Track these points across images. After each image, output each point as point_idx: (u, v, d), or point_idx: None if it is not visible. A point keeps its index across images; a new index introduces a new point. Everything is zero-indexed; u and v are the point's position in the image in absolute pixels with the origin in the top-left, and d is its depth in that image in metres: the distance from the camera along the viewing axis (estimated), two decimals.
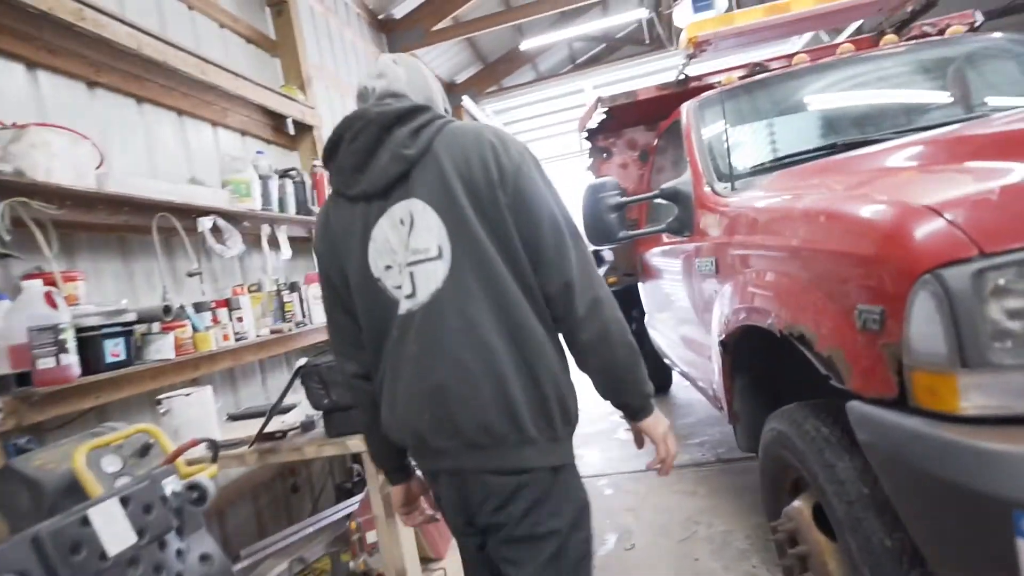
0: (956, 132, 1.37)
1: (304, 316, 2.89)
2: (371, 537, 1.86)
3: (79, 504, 1.03)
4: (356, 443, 1.65)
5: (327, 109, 4.10)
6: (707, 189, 2.08)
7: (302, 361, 1.65)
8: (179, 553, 1.13)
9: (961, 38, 2.46)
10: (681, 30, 3.10)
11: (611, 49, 9.00)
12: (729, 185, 2.00)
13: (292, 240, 3.16)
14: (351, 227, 1.10)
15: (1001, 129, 1.24)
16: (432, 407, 1.03)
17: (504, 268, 1.03)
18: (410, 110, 1.08)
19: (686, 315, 2.43)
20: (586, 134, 3.55)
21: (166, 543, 1.11)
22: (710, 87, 2.89)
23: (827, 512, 1.28)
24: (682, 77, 3.10)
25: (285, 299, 2.80)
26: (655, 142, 3.25)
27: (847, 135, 2.05)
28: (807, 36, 4.83)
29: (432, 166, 1.05)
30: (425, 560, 1.95)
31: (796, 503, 1.49)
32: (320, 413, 1.72)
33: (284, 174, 3.02)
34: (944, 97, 2.19)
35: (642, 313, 3.83)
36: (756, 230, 1.52)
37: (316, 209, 3.15)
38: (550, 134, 9.21)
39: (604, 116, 3.31)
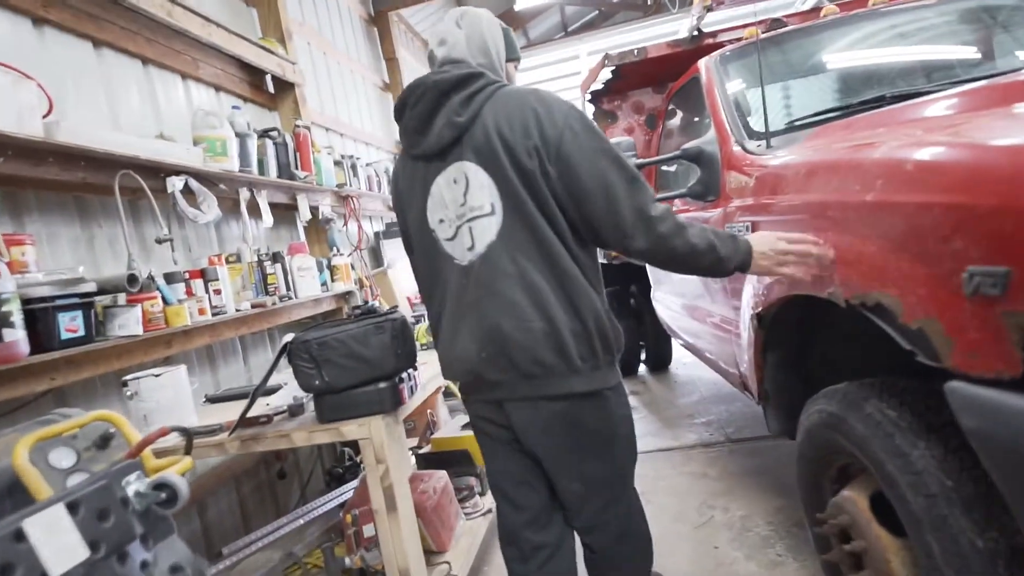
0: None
1: (289, 289, 2.66)
2: (368, 531, 1.68)
3: (18, 511, 0.83)
4: (352, 429, 1.45)
5: (309, 66, 3.81)
6: (736, 148, 1.88)
7: (289, 337, 1.45)
8: (144, 566, 0.93)
9: None
10: None
11: (605, 16, 8.70)
12: (764, 143, 1.80)
13: (274, 207, 2.92)
14: (413, 183, 1.26)
15: None
16: (489, 345, 1.17)
17: (544, 223, 1.16)
18: (465, 77, 1.19)
19: (705, 287, 2.26)
20: (589, 96, 3.32)
21: (127, 555, 0.91)
22: (721, 45, 2.67)
23: (897, 506, 1.13)
24: (695, 33, 2.88)
25: (267, 271, 2.57)
26: (664, 106, 3.04)
27: (889, 89, 1.87)
28: None
29: (480, 131, 1.17)
30: (428, 553, 1.78)
31: (847, 493, 1.34)
32: (310, 396, 1.53)
33: (264, 134, 2.76)
34: (983, 50, 2.01)
35: (646, 287, 3.66)
36: (808, 187, 1.33)
37: (300, 173, 2.90)
38: None
39: (610, 76, 3.08)
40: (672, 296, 3.00)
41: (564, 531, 1.35)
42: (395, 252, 4.33)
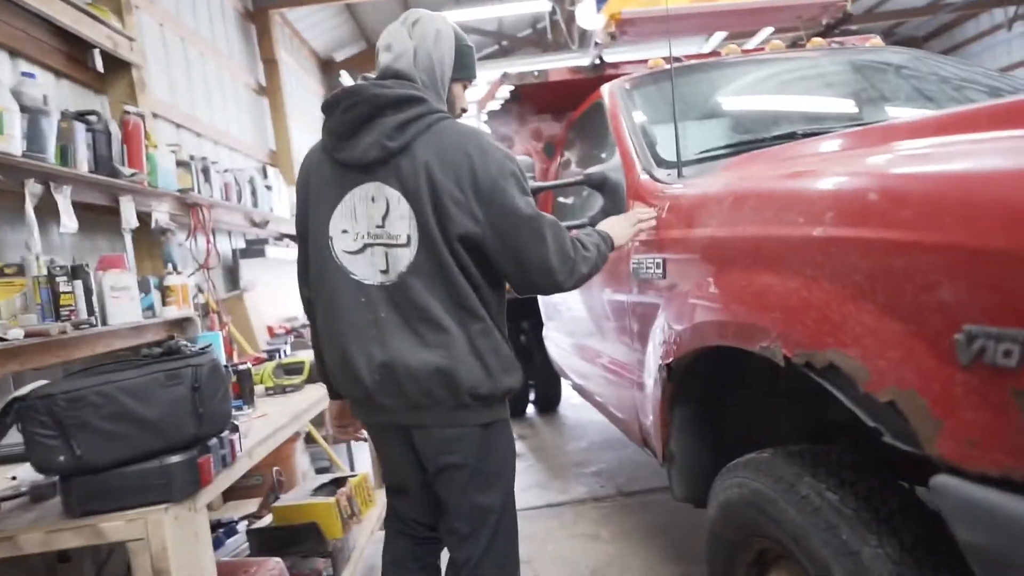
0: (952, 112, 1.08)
1: (92, 315, 2.07)
2: None
3: None
4: (116, 527, 0.99)
5: (160, 51, 3.23)
6: (644, 176, 1.69)
7: (24, 390, 0.97)
8: None
9: (879, 49, 2.35)
10: (584, 30, 2.77)
11: (505, 51, 8.72)
12: (674, 172, 1.62)
13: (88, 209, 2.32)
14: (328, 183, 1.24)
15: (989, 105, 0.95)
16: (383, 372, 1.17)
17: (454, 265, 1.17)
18: (405, 99, 1.16)
19: (603, 329, 2.04)
20: (486, 117, 3.09)
21: None
22: (621, 75, 2.55)
23: None
24: (597, 62, 2.75)
25: (62, 288, 1.97)
26: (564, 134, 2.87)
27: (798, 127, 1.79)
28: (715, 40, 4.82)
29: (409, 163, 1.16)
30: None
31: None
32: (54, 478, 1.04)
33: (79, 117, 2.18)
34: (868, 97, 2.01)
35: (537, 324, 3.42)
36: (734, 219, 1.13)
37: (124, 169, 2.33)
38: None
39: (508, 96, 2.87)
40: (563, 335, 2.77)
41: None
42: (256, 273, 3.76)
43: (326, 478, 2.16)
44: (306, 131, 5.88)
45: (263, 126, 4.75)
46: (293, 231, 4.19)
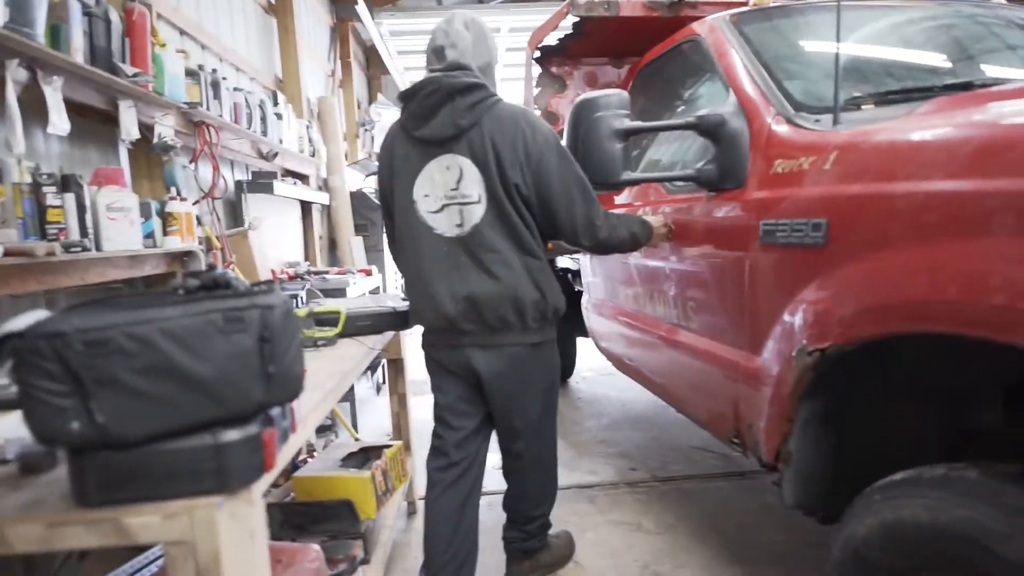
0: None
1: (85, 236, 1.73)
2: None
3: None
4: (150, 523, 0.70)
5: None
6: (780, 126, 1.40)
7: (16, 322, 0.66)
8: None
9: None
10: None
11: None
12: (822, 120, 1.34)
13: (79, 112, 1.95)
14: (409, 157, 1.52)
15: None
16: (463, 301, 1.48)
17: (517, 218, 1.47)
18: (471, 86, 1.44)
19: (687, 304, 1.77)
20: (538, 53, 2.73)
21: None
22: (698, 17, 2.22)
23: None
24: (675, 0, 2.42)
25: (49, 201, 1.63)
26: (628, 81, 2.55)
27: (950, 78, 1.52)
28: None
29: (478, 136, 1.44)
30: None
31: None
32: (56, 450, 0.75)
33: None
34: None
35: (576, 294, 3.17)
36: (995, 171, 0.85)
37: (128, 68, 1.95)
38: None
39: (571, 31, 2.52)
40: (613, 310, 2.51)
41: (480, 448, 1.67)
42: (262, 209, 3.40)
43: (353, 446, 1.89)
44: (314, 61, 5.40)
45: (271, 50, 4.29)
46: (300, 168, 3.82)
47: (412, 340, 2.72)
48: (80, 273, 1.76)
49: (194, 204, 2.40)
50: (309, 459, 2.00)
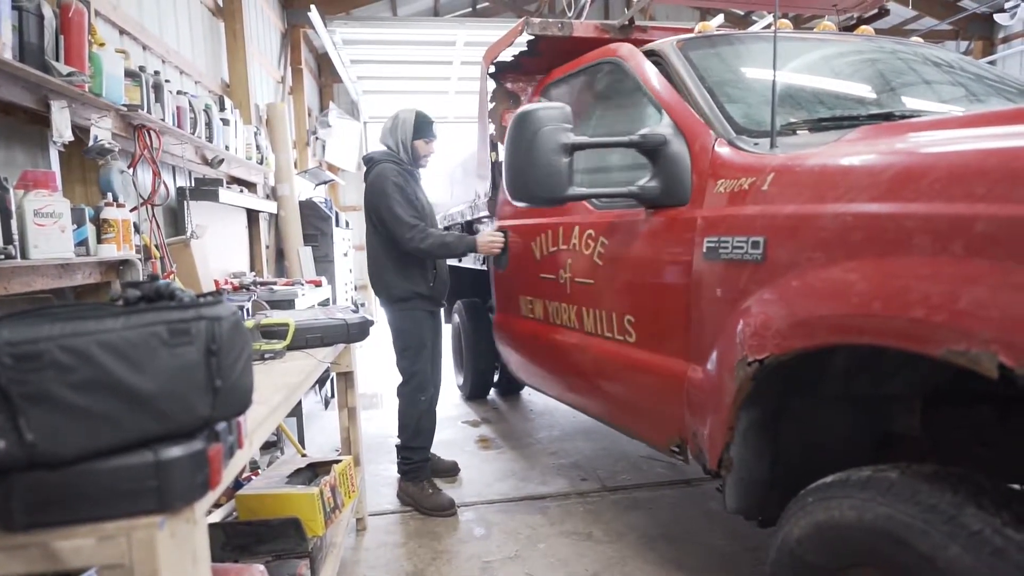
0: None
1: (11, 243, 1.63)
2: None
3: None
4: (83, 546, 0.67)
5: None
6: (723, 148, 1.47)
7: None
8: None
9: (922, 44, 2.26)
10: None
11: (478, 13, 8.28)
12: (761, 143, 1.42)
13: (8, 108, 1.86)
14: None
15: None
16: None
17: (373, 233, 2.45)
18: (367, 159, 2.50)
19: (642, 317, 1.80)
20: (494, 69, 2.77)
21: None
22: (647, 40, 2.32)
23: None
24: (627, 23, 2.51)
25: None
26: (532, 95, 2.64)
27: (874, 108, 1.64)
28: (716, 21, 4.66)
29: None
30: None
31: None
32: None
33: None
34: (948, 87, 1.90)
35: (478, 311, 3.27)
36: (916, 195, 0.93)
37: (60, 66, 1.86)
38: (412, 89, 8.02)
39: (526, 48, 2.57)
40: (531, 327, 2.49)
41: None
42: (206, 218, 3.28)
43: (300, 462, 1.84)
44: (264, 67, 5.28)
45: (217, 53, 4.17)
46: (247, 175, 3.83)
47: (363, 353, 2.68)
48: (3, 282, 1.66)
49: (132, 211, 2.29)
50: (253, 477, 1.93)
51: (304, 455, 2.57)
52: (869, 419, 1.41)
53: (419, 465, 2.50)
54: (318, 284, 4.13)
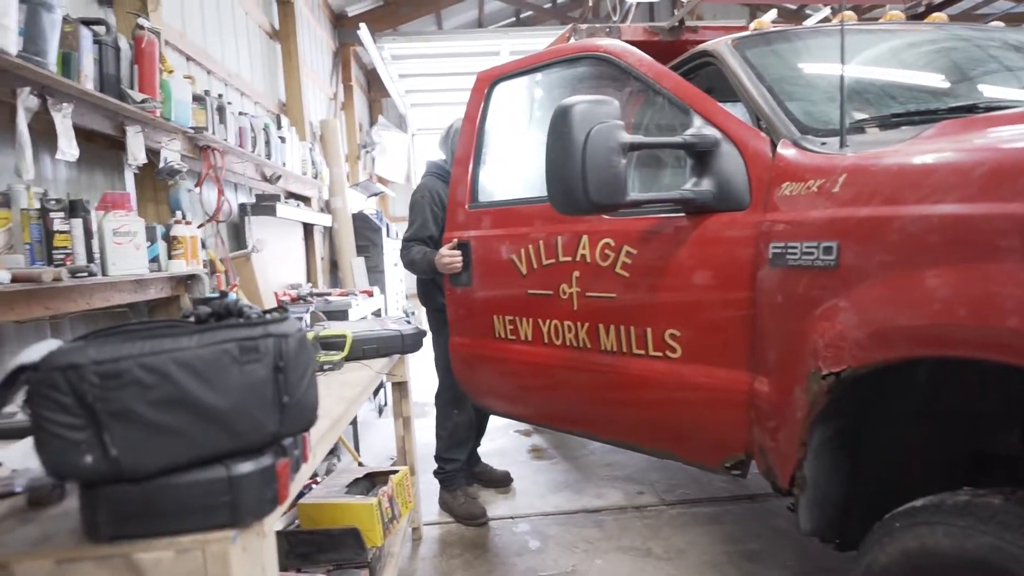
0: None
1: (92, 261, 1.73)
2: None
3: None
4: (162, 558, 0.69)
5: None
6: (788, 150, 1.41)
7: (34, 352, 0.65)
8: None
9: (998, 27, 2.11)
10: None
11: (522, 22, 8.33)
12: (829, 142, 1.35)
13: (88, 139, 1.97)
14: None
15: None
16: None
17: None
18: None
19: (691, 329, 1.69)
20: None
21: None
22: (699, 41, 2.25)
23: None
24: (677, 24, 2.46)
25: (56, 227, 1.63)
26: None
27: (952, 101, 1.53)
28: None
29: None
30: None
31: None
32: (65, 483, 0.73)
33: (87, 24, 1.82)
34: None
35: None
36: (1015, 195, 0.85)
37: (134, 94, 1.97)
38: (458, 100, 8.11)
39: None
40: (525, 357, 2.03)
41: None
42: (265, 232, 3.40)
43: (359, 472, 1.86)
44: (317, 85, 5.46)
45: (274, 74, 4.34)
46: (303, 190, 3.98)
47: (416, 362, 2.71)
48: (85, 298, 1.76)
49: (199, 228, 2.40)
50: (313, 485, 1.97)
51: (360, 463, 2.61)
52: (958, 436, 1.30)
53: (451, 474, 2.53)
54: (370, 294, 4.22)
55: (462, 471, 2.58)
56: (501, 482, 2.78)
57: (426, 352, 2.38)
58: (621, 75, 1.81)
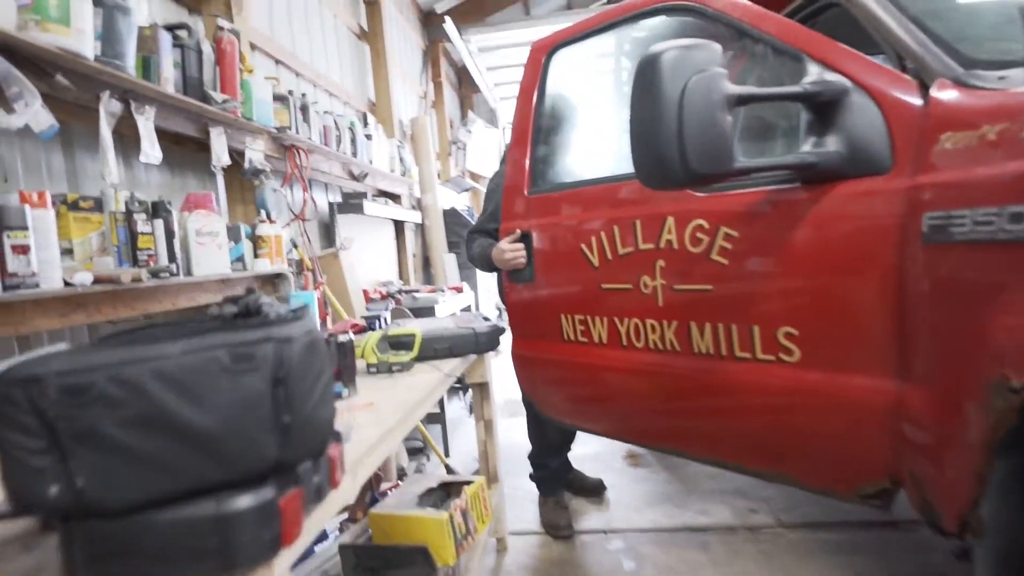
0: None
1: (173, 262, 1.75)
2: None
3: None
4: None
5: None
6: (946, 93, 1.08)
7: (8, 362, 0.56)
8: None
9: None
10: None
11: (570, 4, 7.95)
12: (1009, 76, 1.01)
13: (176, 142, 2.02)
14: None
15: None
16: None
17: None
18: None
19: (814, 326, 1.38)
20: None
21: None
22: None
23: None
24: None
25: (140, 228, 1.66)
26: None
27: None
28: None
29: None
30: None
31: None
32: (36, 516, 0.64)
33: (171, 29, 1.86)
34: None
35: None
36: None
37: (216, 95, 1.99)
38: None
39: None
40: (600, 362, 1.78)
41: None
42: (356, 230, 3.43)
43: (433, 480, 1.75)
44: (407, 84, 5.52)
45: (363, 74, 4.41)
46: (391, 187, 3.95)
47: (498, 363, 2.57)
48: (171, 298, 1.79)
49: (285, 227, 2.42)
50: (394, 488, 1.89)
51: (447, 464, 2.53)
52: None
53: (540, 478, 2.39)
54: (459, 290, 4.16)
55: (556, 477, 2.40)
56: (594, 491, 2.57)
57: None
58: (709, 25, 1.52)
